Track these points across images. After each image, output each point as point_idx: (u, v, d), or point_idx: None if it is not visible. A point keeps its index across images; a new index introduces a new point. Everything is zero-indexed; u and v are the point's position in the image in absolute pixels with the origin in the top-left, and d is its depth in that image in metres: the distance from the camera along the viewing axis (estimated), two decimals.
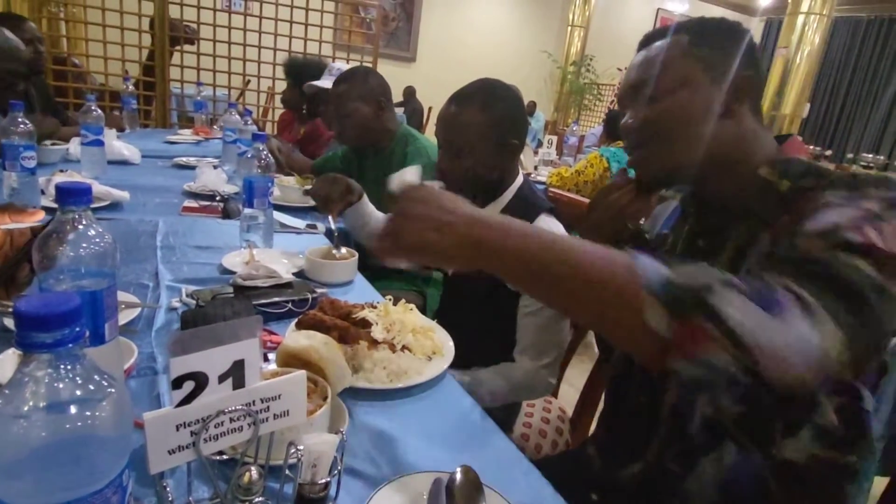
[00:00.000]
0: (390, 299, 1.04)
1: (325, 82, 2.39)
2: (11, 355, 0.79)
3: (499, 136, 1.28)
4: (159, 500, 0.54)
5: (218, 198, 1.87)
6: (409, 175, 0.77)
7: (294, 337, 0.79)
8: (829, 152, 7.51)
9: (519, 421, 1.40)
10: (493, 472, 0.71)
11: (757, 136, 0.83)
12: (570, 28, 8.45)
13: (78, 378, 0.36)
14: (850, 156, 8.08)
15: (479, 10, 7.92)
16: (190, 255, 1.34)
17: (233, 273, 1.22)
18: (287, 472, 0.56)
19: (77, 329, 0.36)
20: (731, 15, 8.69)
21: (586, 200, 1.65)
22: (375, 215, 1.62)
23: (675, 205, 1.01)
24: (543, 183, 2.96)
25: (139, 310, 0.99)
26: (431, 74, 7.35)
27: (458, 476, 0.65)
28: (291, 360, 0.77)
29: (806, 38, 6.16)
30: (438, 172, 1.35)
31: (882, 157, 7.27)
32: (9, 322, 0.88)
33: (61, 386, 0.36)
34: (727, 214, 0.84)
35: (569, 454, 1.22)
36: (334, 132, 2.11)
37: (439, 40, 7.68)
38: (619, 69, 8.44)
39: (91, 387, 0.37)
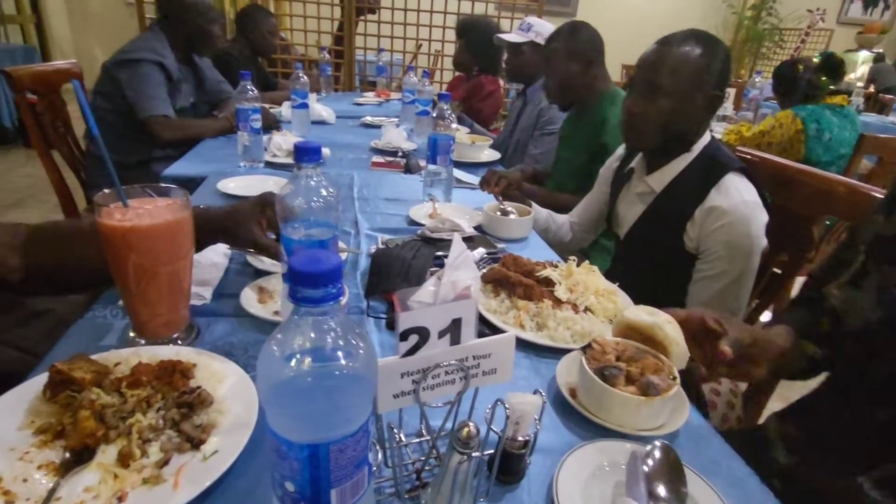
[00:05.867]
0: (574, 259, 0.97)
1: (513, 36, 2.30)
2: (250, 291, 0.88)
3: (711, 84, 1.12)
4: (380, 436, 0.55)
5: (400, 154, 1.92)
6: None
7: (636, 311, 0.74)
8: None
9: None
10: (681, 442, 0.66)
11: None
12: None
13: (339, 331, 0.36)
14: None
15: None
16: (381, 207, 1.39)
17: (418, 224, 1.24)
18: (493, 428, 0.54)
19: (339, 286, 0.35)
20: None
21: (780, 160, 1.37)
22: (545, 219, 1.52)
23: None
24: None
25: (346, 255, 1.05)
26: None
27: (658, 454, 0.58)
28: (631, 333, 0.74)
29: None
30: (628, 114, 1.19)
31: None
32: (251, 259, 0.98)
33: (326, 337, 0.36)
34: None
35: (750, 436, 1.04)
36: (543, 89, 1.97)
37: None
38: (809, 10, 6.99)
39: (349, 339, 0.37)
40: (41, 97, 1.77)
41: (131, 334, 0.74)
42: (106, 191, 0.68)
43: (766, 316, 1.40)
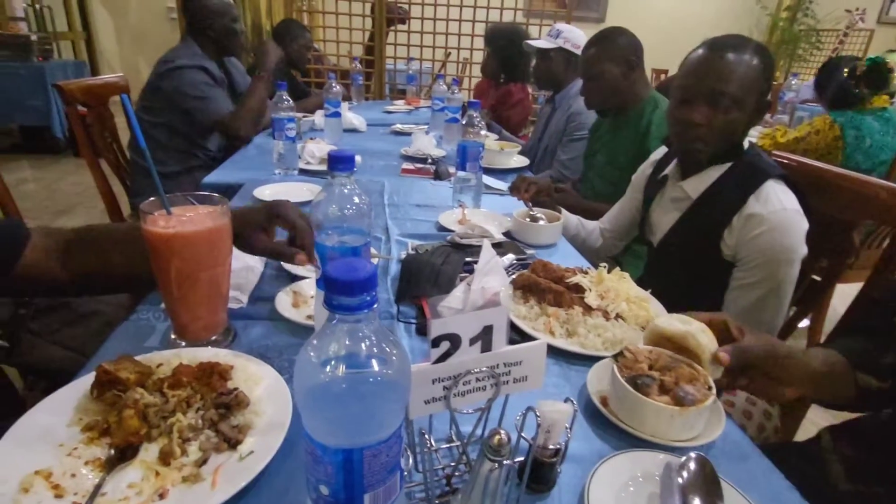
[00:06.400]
0: (605, 266, 0.95)
1: (542, 42, 2.28)
2: (284, 296, 0.89)
3: (765, 91, 1.11)
4: (410, 441, 0.55)
5: (430, 160, 1.93)
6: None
7: (668, 319, 0.73)
8: None
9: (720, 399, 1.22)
10: (717, 454, 0.63)
11: None
12: None
13: (373, 338, 0.36)
14: None
15: None
16: (411, 213, 1.40)
17: (448, 230, 1.24)
18: (523, 435, 0.53)
19: (374, 294, 0.35)
20: None
21: (817, 164, 1.31)
22: (575, 225, 1.49)
23: None
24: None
25: (377, 261, 1.05)
26: None
27: (693, 466, 0.56)
28: (663, 342, 0.73)
29: None
30: (688, 124, 1.12)
31: None
32: (285, 265, 0.99)
33: (361, 344, 0.36)
34: None
35: (797, 450, 0.96)
36: (582, 95, 1.89)
37: None
38: (848, 10, 6.72)
39: (384, 346, 0.37)
40: (90, 109, 1.85)
41: (172, 336, 0.76)
42: (151, 199, 0.70)
43: (804, 322, 1.34)
